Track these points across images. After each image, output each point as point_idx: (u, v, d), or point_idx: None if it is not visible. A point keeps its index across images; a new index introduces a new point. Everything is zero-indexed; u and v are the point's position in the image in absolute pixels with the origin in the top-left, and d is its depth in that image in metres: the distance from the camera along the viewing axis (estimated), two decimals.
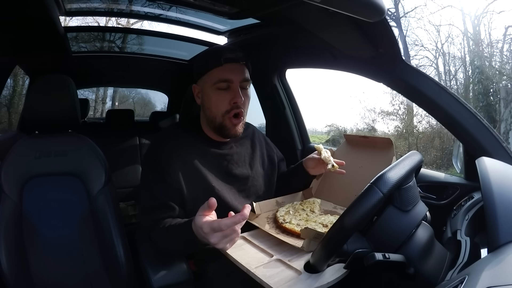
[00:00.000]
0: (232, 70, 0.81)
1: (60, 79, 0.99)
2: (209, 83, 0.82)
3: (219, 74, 0.81)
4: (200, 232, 0.63)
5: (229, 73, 0.81)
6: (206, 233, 0.61)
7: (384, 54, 0.88)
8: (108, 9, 1.30)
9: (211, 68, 0.81)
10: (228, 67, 0.81)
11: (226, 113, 0.82)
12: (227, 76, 0.81)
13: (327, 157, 0.90)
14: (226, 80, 0.81)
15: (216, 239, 0.61)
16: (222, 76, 0.81)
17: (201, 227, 0.62)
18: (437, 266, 0.57)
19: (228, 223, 0.60)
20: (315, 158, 0.94)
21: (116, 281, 0.96)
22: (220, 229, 0.60)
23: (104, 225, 0.97)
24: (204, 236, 0.63)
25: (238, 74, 0.82)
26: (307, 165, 0.97)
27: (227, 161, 0.89)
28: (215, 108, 0.83)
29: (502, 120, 4.35)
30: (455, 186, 0.94)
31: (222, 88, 0.81)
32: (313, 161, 0.95)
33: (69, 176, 0.99)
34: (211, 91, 0.82)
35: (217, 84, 0.81)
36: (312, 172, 0.96)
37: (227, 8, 0.80)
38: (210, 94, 0.83)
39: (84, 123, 2.19)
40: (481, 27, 5.59)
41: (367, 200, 0.50)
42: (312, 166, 0.95)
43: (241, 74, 0.82)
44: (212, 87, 0.82)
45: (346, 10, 0.60)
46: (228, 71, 0.81)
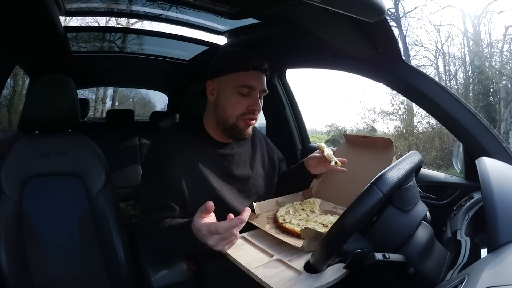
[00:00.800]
0: (257, 78, 0.82)
1: (60, 79, 0.99)
2: (231, 84, 0.81)
3: (243, 79, 0.80)
4: (199, 234, 0.63)
5: (253, 80, 0.81)
6: (204, 235, 0.62)
7: (384, 54, 0.88)
8: (108, 9, 1.29)
9: (236, 71, 0.81)
10: (253, 74, 0.81)
11: (241, 115, 0.82)
12: (251, 83, 0.81)
13: (330, 154, 0.91)
14: (250, 86, 0.81)
15: (213, 241, 0.62)
16: (246, 81, 0.80)
17: (199, 229, 0.62)
18: (437, 266, 0.57)
19: (225, 226, 0.60)
20: (317, 156, 0.94)
21: (116, 281, 0.96)
22: (217, 231, 0.60)
23: (104, 225, 0.97)
24: (202, 238, 0.63)
25: (261, 83, 0.82)
26: (308, 164, 0.97)
27: (228, 161, 0.89)
28: (231, 109, 0.82)
29: (502, 120, 4.35)
30: (455, 186, 0.94)
31: (243, 93, 0.81)
32: (315, 160, 0.95)
33: (69, 176, 0.99)
34: (231, 93, 0.82)
35: (239, 88, 0.81)
36: (314, 171, 0.96)
37: (227, 8, 0.80)
38: (229, 96, 0.82)
39: (84, 123, 2.19)
40: (481, 27, 5.61)
41: (367, 200, 0.50)
42: (314, 165, 0.95)
43: (263, 84, 0.83)
44: (234, 90, 0.81)
45: (346, 10, 0.60)
46: (253, 78, 0.81)
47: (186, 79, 1.93)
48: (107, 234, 0.96)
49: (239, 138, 0.86)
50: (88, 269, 0.97)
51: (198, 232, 0.63)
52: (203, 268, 0.86)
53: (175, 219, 0.79)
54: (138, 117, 3.05)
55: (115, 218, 0.98)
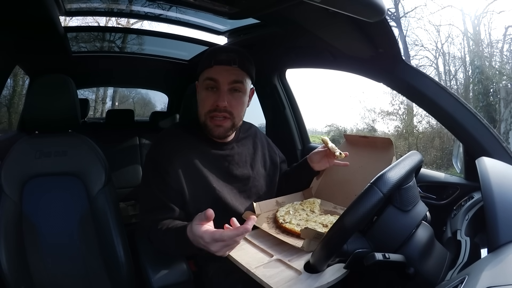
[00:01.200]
0: (220, 71, 0.81)
1: (60, 79, 0.99)
2: (201, 82, 0.84)
3: (207, 73, 0.82)
4: (200, 241, 0.63)
5: (216, 74, 0.81)
6: (207, 243, 0.61)
7: (384, 54, 0.88)
8: (108, 9, 1.30)
9: (204, 69, 0.83)
10: (217, 68, 0.81)
11: (208, 113, 0.83)
12: (213, 76, 0.81)
13: (333, 146, 0.91)
14: (212, 79, 0.81)
15: (216, 248, 0.61)
16: (209, 75, 0.82)
17: (202, 236, 0.62)
18: (437, 266, 0.57)
19: (231, 234, 0.60)
20: (321, 151, 0.95)
21: (116, 281, 0.96)
22: (222, 239, 0.60)
23: (104, 225, 0.97)
24: (204, 245, 0.62)
25: (226, 76, 0.81)
26: (312, 160, 0.97)
27: (228, 161, 0.89)
28: (201, 107, 0.84)
29: (502, 120, 4.35)
30: (455, 186, 0.94)
31: (210, 87, 0.82)
32: (318, 155, 0.95)
33: (69, 176, 0.99)
34: (201, 90, 0.84)
35: (205, 82, 0.82)
36: (317, 167, 0.96)
37: (227, 8, 0.80)
38: (200, 93, 0.85)
39: (84, 123, 2.19)
40: (481, 27, 5.61)
41: (367, 200, 0.50)
42: (318, 160, 0.95)
43: (230, 76, 0.81)
44: (202, 86, 0.84)
45: (346, 10, 0.60)
46: (216, 71, 0.81)
47: (186, 79, 1.93)
48: (107, 234, 0.96)
49: (214, 137, 0.86)
50: (88, 269, 0.97)
51: (200, 240, 0.62)
52: (203, 268, 0.85)
53: (173, 221, 0.79)
54: (138, 117, 3.05)
55: (115, 218, 0.98)
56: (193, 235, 0.64)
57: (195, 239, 0.64)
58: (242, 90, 0.84)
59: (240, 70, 0.83)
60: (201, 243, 0.63)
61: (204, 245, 0.63)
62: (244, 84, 0.84)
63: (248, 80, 0.86)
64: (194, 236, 0.64)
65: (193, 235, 0.64)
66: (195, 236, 0.63)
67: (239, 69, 0.82)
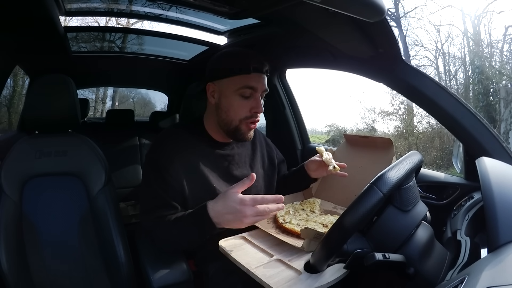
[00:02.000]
0: (258, 79, 0.81)
1: (60, 79, 0.99)
2: (232, 87, 0.81)
3: (245, 81, 0.80)
4: (236, 206, 0.66)
5: (255, 82, 0.81)
6: (246, 205, 0.65)
7: (384, 54, 0.88)
8: (108, 9, 1.29)
9: (238, 74, 0.80)
10: (255, 76, 0.81)
11: (244, 119, 0.83)
12: (253, 84, 0.80)
13: (328, 159, 0.90)
14: (252, 87, 0.81)
15: (251, 211, 0.65)
16: (248, 83, 0.80)
17: (242, 199, 0.66)
18: (437, 266, 0.57)
19: (270, 199, 0.66)
20: (317, 160, 0.94)
21: (116, 281, 0.96)
22: (262, 202, 0.66)
23: (104, 225, 0.97)
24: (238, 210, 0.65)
25: (262, 84, 0.82)
26: (308, 168, 0.97)
27: (228, 161, 0.89)
28: (234, 113, 0.82)
29: (502, 120, 4.35)
30: (455, 186, 0.94)
31: (245, 95, 0.81)
32: (314, 164, 0.95)
33: (69, 176, 0.99)
34: (233, 96, 0.81)
35: (241, 90, 0.80)
36: (314, 175, 0.96)
37: (227, 8, 0.80)
38: (232, 99, 0.82)
39: (84, 123, 2.19)
40: (481, 27, 5.61)
41: (367, 200, 0.50)
42: (314, 169, 0.95)
43: (264, 84, 0.83)
44: (235, 92, 0.81)
45: (346, 10, 0.60)
46: (254, 80, 0.81)
47: (186, 79, 1.93)
48: (107, 234, 0.96)
49: (241, 140, 0.87)
50: (88, 269, 0.97)
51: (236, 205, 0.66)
52: (203, 268, 0.85)
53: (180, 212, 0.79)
54: (138, 117, 3.05)
55: (115, 218, 0.98)
56: (225, 204, 0.67)
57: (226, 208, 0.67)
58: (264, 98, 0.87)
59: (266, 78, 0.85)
60: (236, 208, 0.66)
61: (239, 210, 0.65)
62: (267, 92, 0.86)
63: None
64: (227, 204, 0.67)
65: (224, 205, 0.68)
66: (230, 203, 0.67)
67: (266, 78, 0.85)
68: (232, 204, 0.66)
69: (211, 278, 0.82)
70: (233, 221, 0.67)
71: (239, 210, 0.65)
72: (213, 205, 0.70)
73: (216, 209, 0.69)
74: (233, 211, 0.66)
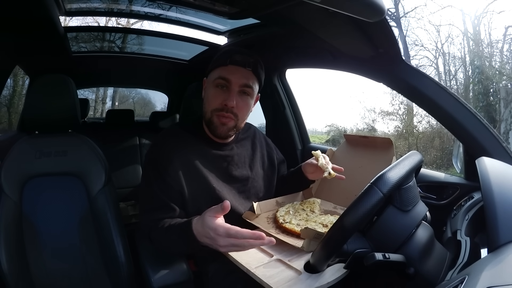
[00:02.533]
0: (234, 71, 0.81)
1: (60, 79, 0.99)
2: (211, 79, 0.84)
3: (220, 72, 0.82)
4: (210, 233, 0.62)
5: (229, 74, 0.81)
6: (219, 235, 0.61)
7: (384, 54, 0.88)
8: (108, 9, 1.29)
9: (218, 66, 0.83)
10: (231, 68, 0.81)
11: (215, 110, 0.82)
12: (227, 76, 0.81)
13: (324, 164, 0.89)
14: (224, 78, 0.81)
15: (225, 243, 0.61)
16: (222, 74, 0.81)
17: (215, 228, 0.61)
18: (437, 266, 0.57)
19: (247, 235, 0.60)
20: (313, 163, 0.93)
21: (116, 281, 0.96)
22: (236, 236, 0.60)
23: (104, 225, 0.97)
24: (213, 237, 0.62)
25: (239, 78, 0.81)
26: (306, 170, 0.96)
27: (227, 162, 0.89)
28: (207, 104, 0.84)
29: (502, 120, 4.35)
30: (455, 186, 0.94)
31: (220, 85, 0.82)
32: (311, 167, 0.94)
33: (69, 176, 0.99)
34: (210, 87, 0.84)
35: (216, 80, 0.82)
36: (311, 177, 0.96)
37: (227, 8, 0.80)
38: (209, 90, 0.85)
39: (84, 123, 2.19)
40: (481, 27, 5.61)
41: (367, 200, 0.50)
42: (311, 172, 0.95)
43: (243, 78, 0.82)
44: (213, 83, 0.83)
45: (346, 10, 0.60)
46: (230, 71, 0.81)
47: (186, 79, 1.93)
48: (107, 234, 0.96)
49: (217, 135, 0.86)
50: (88, 269, 0.97)
51: (210, 232, 0.62)
52: (203, 268, 0.85)
53: (175, 219, 0.79)
54: (138, 117, 3.05)
55: (115, 218, 0.98)
56: (202, 228, 0.64)
57: (203, 232, 0.63)
58: (250, 94, 0.85)
59: (252, 73, 0.83)
60: (210, 235, 0.62)
61: (213, 238, 0.62)
62: (253, 89, 0.85)
63: (257, 85, 0.87)
64: (204, 229, 0.63)
65: (202, 228, 0.64)
66: (206, 228, 0.63)
67: (251, 73, 0.83)
68: (207, 230, 0.63)
69: (211, 278, 0.82)
70: (211, 245, 0.64)
71: (213, 238, 0.62)
72: (196, 223, 0.67)
73: (197, 228, 0.66)
74: (208, 236, 0.63)
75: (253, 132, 1.01)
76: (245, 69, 0.82)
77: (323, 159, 0.90)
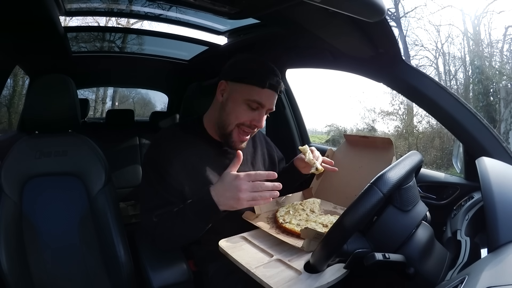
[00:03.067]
0: (269, 97, 0.81)
1: (60, 79, 0.99)
2: (243, 95, 0.80)
3: (257, 95, 0.79)
4: (232, 183, 0.69)
5: (265, 99, 0.80)
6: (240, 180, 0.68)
7: (384, 54, 0.88)
8: (108, 9, 1.30)
9: (252, 84, 0.79)
10: (267, 92, 0.80)
11: (241, 125, 0.82)
12: (263, 101, 0.80)
13: (311, 159, 0.88)
14: (260, 103, 0.80)
15: (246, 185, 0.68)
16: (258, 98, 0.79)
17: (237, 175, 0.69)
18: (437, 266, 0.57)
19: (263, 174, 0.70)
20: (303, 158, 0.92)
21: (116, 281, 0.96)
22: (255, 177, 0.69)
23: (104, 225, 0.97)
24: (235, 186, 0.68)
25: (271, 102, 0.82)
26: (298, 166, 0.97)
27: (229, 159, 0.89)
28: (234, 117, 0.82)
29: (502, 120, 4.35)
30: (455, 186, 0.94)
31: (252, 107, 0.81)
32: (301, 162, 0.95)
33: (69, 176, 0.99)
34: (240, 103, 0.81)
35: (250, 102, 0.80)
36: (304, 171, 0.96)
37: (227, 8, 0.80)
38: (238, 105, 0.81)
39: (84, 123, 2.19)
40: (481, 27, 5.61)
41: (367, 200, 0.50)
42: (302, 166, 0.95)
43: (273, 103, 0.83)
44: (244, 101, 0.80)
45: (346, 10, 0.60)
46: (266, 96, 0.80)
47: (186, 79, 1.93)
48: (107, 234, 0.96)
49: (230, 147, 0.86)
50: (88, 269, 0.97)
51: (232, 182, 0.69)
52: (203, 268, 0.86)
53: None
54: (138, 117, 3.05)
55: (115, 218, 0.98)
56: (222, 184, 0.71)
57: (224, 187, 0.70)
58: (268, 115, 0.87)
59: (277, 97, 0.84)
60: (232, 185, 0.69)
61: (236, 186, 0.68)
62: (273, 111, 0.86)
63: None
64: (224, 184, 0.70)
65: (221, 185, 0.71)
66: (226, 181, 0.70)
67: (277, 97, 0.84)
68: (228, 180, 0.70)
69: (211, 278, 0.82)
70: (231, 198, 0.69)
71: (235, 186, 0.68)
72: (214, 186, 0.73)
73: (216, 189, 0.72)
74: (229, 187, 0.69)
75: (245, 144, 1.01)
76: (277, 94, 0.83)
77: (310, 154, 0.90)
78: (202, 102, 0.93)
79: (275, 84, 0.80)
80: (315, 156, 0.91)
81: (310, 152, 0.90)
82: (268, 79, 0.79)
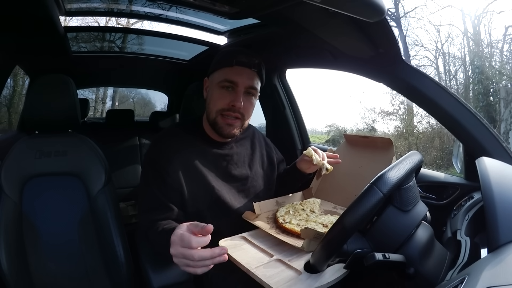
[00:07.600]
0: (241, 73, 0.81)
1: (60, 79, 1.00)
2: (217, 80, 0.83)
3: (226, 74, 0.81)
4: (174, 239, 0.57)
5: (236, 76, 0.81)
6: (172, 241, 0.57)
7: (384, 54, 0.88)
8: (108, 9, 1.30)
9: (222, 67, 0.82)
10: (237, 69, 0.81)
11: (220, 111, 0.82)
12: (234, 78, 0.81)
13: (319, 160, 0.89)
14: (232, 81, 0.81)
15: (175, 251, 0.55)
16: (229, 76, 0.81)
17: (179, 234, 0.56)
18: (437, 266, 0.57)
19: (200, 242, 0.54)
20: (307, 160, 0.92)
21: (116, 281, 0.96)
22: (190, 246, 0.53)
23: (104, 225, 0.97)
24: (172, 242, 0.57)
25: (245, 79, 0.82)
26: (301, 167, 0.96)
27: (226, 161, 0.89)
28: (213, 104, 0.83)
29: (502, 120, 4.35)
30: (455, 186, 0.94)
31: (226, 87, 0.81)
32: (305, 164, 0.94)
33: (69, 176, 0.99)
34: (215, 88, 0.83)
35: (222, 83, 0.81)
36: (309, 171, 0.96)
37: (227, 8, 0.80)
38: (214, 91, 0.84)
39: (84, 123, 2.19)
40: (481, 27, 5.61)
41: (367, 200, 0.50)
42: (307, 167, 0.95)
43: (249, 80, 0.82)
44: (218, 85, 0.82)
45: (346, 10, 0.60)
46: (236, 73, 0.81)
47: (186, 79, 1.93)
48: (107, 234, 0.96)
49: (223, 136, 0.85)
50: (88, 269, 0.97)
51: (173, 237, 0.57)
52: None
53: (170, 222, 0.76)
54: (138, 117, 3.05)
55: (115, 218, 0.98)
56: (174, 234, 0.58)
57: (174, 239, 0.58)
58: (255, 95, 0.86)
59: (256, 74, 0.84)
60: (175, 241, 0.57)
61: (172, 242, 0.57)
62: (257, 89, 0.86)
63: (259, 84, 0.87)
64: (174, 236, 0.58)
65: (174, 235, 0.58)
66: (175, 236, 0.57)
67: (256, 74, 0.83)
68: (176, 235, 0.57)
69: (211, 278, 0.82)
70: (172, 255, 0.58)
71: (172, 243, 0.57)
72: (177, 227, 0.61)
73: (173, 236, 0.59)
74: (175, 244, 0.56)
75: (252, 132, 1.01)
76: (251, 70, 0.82)
77: (317, 156, 0.90)
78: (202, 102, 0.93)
79: (244, 60, 0.81)
80: (320, 156, 0.91)
81: (315, 154, 0.91)
82: (234, 57, 0.80)
